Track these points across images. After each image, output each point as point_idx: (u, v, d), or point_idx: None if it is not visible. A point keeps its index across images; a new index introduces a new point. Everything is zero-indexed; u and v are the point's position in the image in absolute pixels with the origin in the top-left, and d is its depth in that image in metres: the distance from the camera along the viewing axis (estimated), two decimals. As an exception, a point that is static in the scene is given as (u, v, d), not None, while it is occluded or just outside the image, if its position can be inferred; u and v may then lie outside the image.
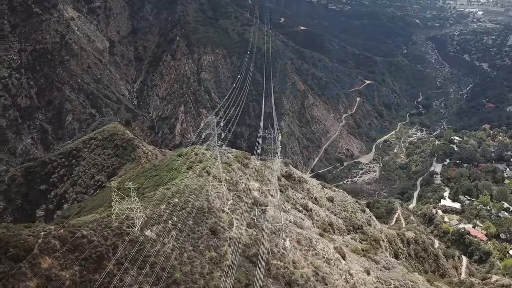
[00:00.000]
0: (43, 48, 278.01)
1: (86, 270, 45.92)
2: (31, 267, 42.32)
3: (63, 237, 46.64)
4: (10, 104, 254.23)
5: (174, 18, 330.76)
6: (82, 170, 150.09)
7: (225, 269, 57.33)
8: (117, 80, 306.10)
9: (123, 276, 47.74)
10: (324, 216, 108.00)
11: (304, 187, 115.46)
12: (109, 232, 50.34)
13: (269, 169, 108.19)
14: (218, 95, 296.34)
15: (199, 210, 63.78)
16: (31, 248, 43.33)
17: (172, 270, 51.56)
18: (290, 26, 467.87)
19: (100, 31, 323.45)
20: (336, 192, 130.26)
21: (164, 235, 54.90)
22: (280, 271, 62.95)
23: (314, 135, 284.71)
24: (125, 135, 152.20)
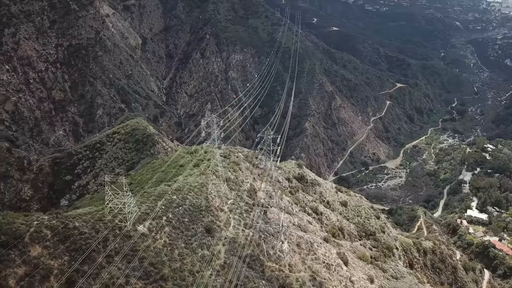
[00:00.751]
0: (78, 44, 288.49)
1: (75, 261, 47.35)
2: (21, 254, 44.18)
3: (55, 227, 48.40)
4: (45, 97, 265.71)
5: (205, 17, 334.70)
6: (104, 163, 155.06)
7: (217, 268, 57.66)
8: (147, 76, 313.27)
9: (111, 269, 48.89)
10: (335, 221, 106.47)
11: (317, 190, 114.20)
12: (101, 225, 51.81)
13: (280, 170, 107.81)
14: (244, 94, 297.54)
15: (196, 208, 64.41)
16: (21, 236, 45.20)
17: (161, 266, 52.38)
18: (322, 27, 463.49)
19: (134, 28, 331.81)
20: (351, 196, 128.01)
21: (156, 230, 55.87)
22: (274, 274, 62.57)
23: (339, 138, 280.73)
24: (146, 130, 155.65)
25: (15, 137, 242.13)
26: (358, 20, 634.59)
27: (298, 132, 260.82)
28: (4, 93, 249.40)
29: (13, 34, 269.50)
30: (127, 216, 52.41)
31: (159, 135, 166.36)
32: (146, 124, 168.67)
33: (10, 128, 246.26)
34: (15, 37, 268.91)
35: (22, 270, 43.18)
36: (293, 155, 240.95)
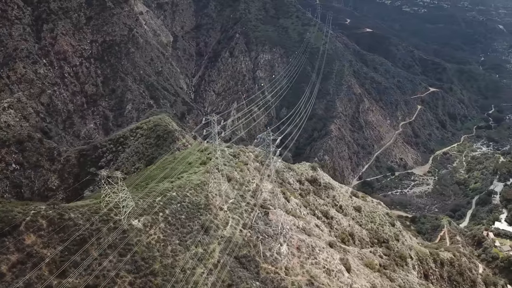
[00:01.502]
0: (112, 40, 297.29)
1: (68, 251, 48.98)
2: (15, 242, 46.11)
3: (50, 217, 50.21)
4: (78, 91, 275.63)
5: (236, 16, 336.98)
6: (125, 157, 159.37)
7: (209, 266, 58.04)
8: (177, 73, 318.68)
9: (102, 260, 50.23)
10: (346, 226, 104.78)
11: (330, 193, 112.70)
12: (96, 218, 53.28)
13: (291, 171, 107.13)
14: (270, 94, 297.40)
15: (194, 206, 65.06)
16: (17, 224, 47.20)
17: (152, 261, 53.31)
18: (355, 28, 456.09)
19: (166, 26, 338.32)
20: (367, 202, 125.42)
21: (151, 226, 56.88)
22: (269, 276, 62.31)
23: (366, 141, 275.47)
24: (168, 126, 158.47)
25: (49, 129, 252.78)
26: (394, 21, 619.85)
27: (323, 134, 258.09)
28: (40, 86, 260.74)
29: (51, 30, 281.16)
30: (122, 210, 53.68)
31: (181, 132, 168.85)
32: (169, 121, 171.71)
33: (45, 120, 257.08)
34: (53, 32, 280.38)
35: (15, 257, 45.07)
36: (317, 157, 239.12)
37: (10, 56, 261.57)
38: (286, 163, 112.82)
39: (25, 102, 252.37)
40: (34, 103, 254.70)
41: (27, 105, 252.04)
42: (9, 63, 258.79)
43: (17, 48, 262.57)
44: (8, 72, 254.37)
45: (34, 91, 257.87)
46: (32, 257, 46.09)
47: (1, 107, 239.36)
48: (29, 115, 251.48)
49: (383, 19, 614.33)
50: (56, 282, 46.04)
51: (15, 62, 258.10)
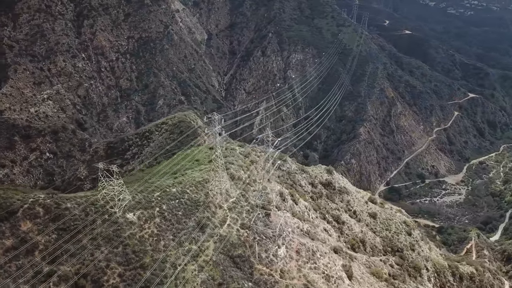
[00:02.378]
0: (147, 37, 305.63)
1: (62, 239, 51.01)
2: (11, 228, 48.60)
3: (48, 206, 52.51)
4: (113, 85, 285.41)
5: (270, 15, 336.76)
6: (149, 151, 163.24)
7: (201, 264, 58.63)
8: (209, 71, 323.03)
9: (94, 251, 51.97)
10: (357, 232, 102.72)
11: (344, 198, 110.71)
12: (92, 209, 55.20)
13: (304, 173, 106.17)
14: (301, 94, 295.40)
15: (193, 202, 65.90)
16: (15, 211, 49.68)
17: (143, 254, 54.58)
18: (394, 29, 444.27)
19: (201, 24, 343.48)
20: (384, 209, 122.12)
21: (145, 220, 58.19)
22: (263, 278, 62.17)
23: (396, 146, 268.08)
24: (191, 123, 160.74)
25: (84, 120, 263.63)
26: (437, 23, 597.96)
27: (351, 137, 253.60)
28: (78, 79, 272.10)
29: (91, 26, 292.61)
30: (116, 203, 55.29)
31: (204, 129, 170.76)
32: (194, 118, 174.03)
33: (81, 112, 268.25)
34: (92, 28, 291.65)
35: (10, 242, 47.44)
36: (343, 160, 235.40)
37: (51, 50, 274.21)
38: (300, 165, 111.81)
39: (63, 94, 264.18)
40: (71, 95, 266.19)
41: (65, 97, 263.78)
42: (51, 57, 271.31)
43: (59, 43, 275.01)
44: (49, 65, 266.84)
45: (72, 84, 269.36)
46: (26, 243, 48.33)
47: (41, 98, 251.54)
48: (66, 107, 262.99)
49: (426, 21, 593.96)
50: (47, 268, 48.03)
51: (56, 56, 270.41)
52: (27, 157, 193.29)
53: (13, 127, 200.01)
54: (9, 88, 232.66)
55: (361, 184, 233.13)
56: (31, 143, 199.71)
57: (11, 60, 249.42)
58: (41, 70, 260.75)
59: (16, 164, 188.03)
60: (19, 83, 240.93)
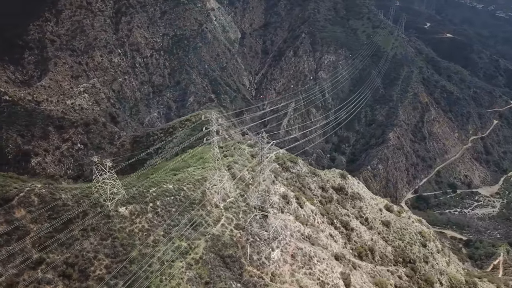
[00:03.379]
0: (182, 34, 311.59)
1: (53, 229, 53.11)
2: (5, 214, 51.07)
3: (43, 195, 54.80)
4: (146, 80, 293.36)
5: (305, 15, 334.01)
6: (171, 146, 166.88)
7: (190, 261, 59.25)
8: (241, 70, 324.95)
9: (84, 241, 53.74)
10: (367, 239, 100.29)
11: (356, 204, 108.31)
12: (85, 201, 57.04)
13: (316, 177, 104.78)
14: (332, 96, 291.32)
15: (188, 200, 66.64)
16: (10, 198, 52.20)
17: (131, 248, 55.88)
18: (434, 32, 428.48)
19: (235, 23, 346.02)
20: (400, 217, 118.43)
21: (137, 215, 59.48)
22: (252, 279, 61.99)
23: (427, 153, 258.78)
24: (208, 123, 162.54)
25: (117, 114, 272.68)
26: (484, 27, 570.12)
27: (380, 141, 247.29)
28: (113, 74, 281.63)
29: (128, 22, 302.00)
30: (108, 196, 56.88)
31: (225, 127, 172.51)
32: (217, 116, 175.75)
33: (114, 106, 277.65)
34: (129, 25, 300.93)
35: (2, 228, 49.91)
36: (369, 165, 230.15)
37: (90, 45, 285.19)
38: (311, 168, 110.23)
39: (98, 88, 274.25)
40: (106, 89, 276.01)
41: (100, 91, 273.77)
42: (89, 51, 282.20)
43: (97, 38, 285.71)
44: (87, 60, 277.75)
45: (107, 78, 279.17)
46: (19, 230, 50.68)
47: (78, 91, 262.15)
48: (101, 100, 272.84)
49: (472, 24, 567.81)
50: (37, 255, 50.14)
51: (93, 51, 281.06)
52: (59, 147, 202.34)
53: (48, 118, 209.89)
54: (48, 81, 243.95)
55: (387, 191, 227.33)
56: (64, 134, 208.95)
57: (52, 54, 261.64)
58: (79, 64, 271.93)
59: (49, 153, 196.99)
60: (58, 76, 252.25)
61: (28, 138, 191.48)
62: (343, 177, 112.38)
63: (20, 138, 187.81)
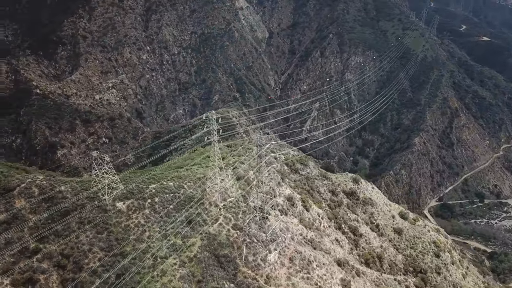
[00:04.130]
0: (209, 33, 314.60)
1: (51, 220, 54.91)
2: (5, 203, 53.18)
3: (43, 187, 56.72)
4: (173, 78, 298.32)
5: (333, 16, 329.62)
6: (189, 144, 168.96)
7: (184, 259, 59.82)
8: (267, 69, 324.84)
9: (80, 234, 55.27)
10: (376, 246, 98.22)
11: (368, 210, 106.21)
12: (84, 194, 58.61)
13: (326, 180, 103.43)
14: (357, 98, 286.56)
15: (187, 198, 67.20)
16: (11, 188, 54.31)
17: (125, 243, 56.89)
18: (470, 35, 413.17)
19: (263, 22, 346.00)
20: (415, 226, 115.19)
21: (134, 210, 60.56)
22: (246, 281, 61.93)
23: (455, 161, 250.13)
24: (228, 120, 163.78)
25: (143, 110, 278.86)
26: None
27: (405, 146, 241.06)
28: (141, 70, 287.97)
29: (157, 20, 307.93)
30: (107, 191, 58.21)
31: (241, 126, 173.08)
32: (235, 115, 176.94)
33: (141, 102, 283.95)
34: (159, 22, 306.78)
35: (2, 217, 52.02)
36: (392, 170, 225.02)
37: (120, 41, 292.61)
38: (323, 171, 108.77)
39: (126, 84, 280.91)
40: (134, 85, 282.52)
41: (128, 87, 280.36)
42: (119, 48, 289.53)
43: (127, 35, 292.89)
44: (116, 56, 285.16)
45: (135, 74, 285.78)
46: (18, 219, 52.68)
47: (106, 86, 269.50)
48: (128, 96, 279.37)
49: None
50: (33, 245, 51.98)
51: (123, 47, 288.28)
52: (85, 140, 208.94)
53: (76, 112, 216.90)
54: (78, 76, 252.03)
55: (409, 197, 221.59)
56: (90, 128, 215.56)
57: (83, 49, 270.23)
58: (109, 60, 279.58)
59: (75, 145, 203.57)
60: (88, 71, 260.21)
61: (56, 131, 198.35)
62: (356, 181, 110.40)
63: (48, 130, 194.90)
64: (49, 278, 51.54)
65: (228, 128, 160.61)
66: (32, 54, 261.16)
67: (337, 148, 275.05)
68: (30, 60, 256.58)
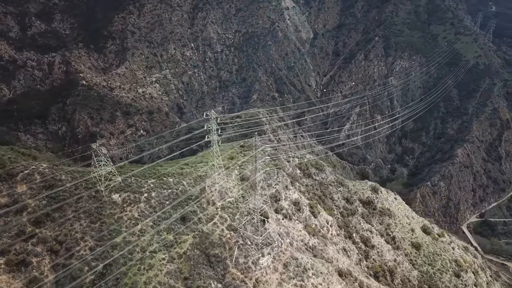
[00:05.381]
0: (253, 32, 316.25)
1: (49, 206, 57.90)
2: (8, 188, 56.73)
3: (45, 174, 59.84)
4: (214, 75, 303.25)
5: (381, 18, 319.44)
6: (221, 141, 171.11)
7: (173, 255, 60.85)
8: (309, 70, 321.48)
9: (74, 222, 57.88)
10: (389, 260, 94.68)
11: (384, 220, 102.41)
12: (82, 184, 61.17)
13: (342, 187, 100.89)
14: (400, 104, 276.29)
15: (185, 195, 68.07)
16: (15, 174, 57.84)
17: (116, 234, 58.86)
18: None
19: (309, 22, 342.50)
20: (437, 241, 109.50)
21: (129, 203, 62.36)
22: (234, 282, 61.92)
23: (502, 176, 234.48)
24: (260, 120, 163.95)
25: (184, 105, 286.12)
26: None
27: (446, 157, 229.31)
28: (184, 66, 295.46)
29: (203, 18, 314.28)
30: (103, 182, 60.41)
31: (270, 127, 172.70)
32: (264, 115, 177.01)
33: (182, 97, 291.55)
34: (204, 20, 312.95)
35: (4, 200, 55.57)
36: (430, 181, 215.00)
37: (166, 38, 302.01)
38: (340, 177, 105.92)
39: (169, 79, 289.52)
40: (176, 80, 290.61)
41: (170, 82, 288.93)
42: (164, 44, 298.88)
43: (173, 32, 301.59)
44: (161, 52, 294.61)
45: (178, 70, 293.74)
46: (17, 203, 56.03)
47: (150, 81, 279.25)
48: (170, 91, 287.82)
49: None
50: (30, 229, 55.11)
51: (168, 44, 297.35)
52: (124, 132, 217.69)
53: (117, 104, 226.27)
54: (124, 69, 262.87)
55: (446, 211, 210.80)
56: (129, 120, 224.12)
57: (131, 44, 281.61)
58: (154, 56, 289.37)
59: (114, 136, 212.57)
60: (134, 65, 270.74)
61: (97, 121, 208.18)
62: (375, 190, 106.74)
63: (89, 120, 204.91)
64: (41, 261, 54.53)
65: (255, 128, 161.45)
66: (84, 47, 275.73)
67: (375, 155, 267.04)
68: (82, 53, 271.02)
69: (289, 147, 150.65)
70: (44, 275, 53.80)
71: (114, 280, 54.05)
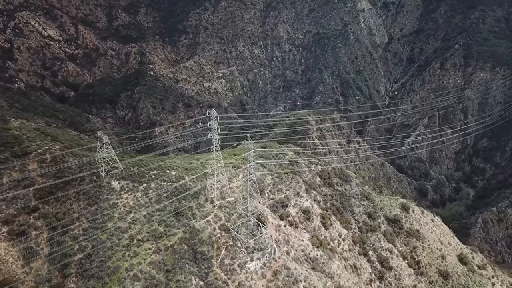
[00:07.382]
0: (324, 33, 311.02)
1: (54, 186, 63.00)
2: (20, 164, 62.74)
3: (56, 156, 65.03)
4: (280, 75, 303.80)
5: (465, 25, 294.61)
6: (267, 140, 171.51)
7: (160, 246, 62.78)
8: (379, 76, 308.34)
9: (73, 202, 62.34)
10: (407, 285, 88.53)
11: (411, 242, 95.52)
12: (87, 168, 65.41)
13: (367, 201, 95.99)
14: (475, 119, 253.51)
15: (184, 190, 69.43)
16: (28, 152, 63.67)
17: (108, 219, 62.17)
18: None
19: (384, 26, 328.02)
20: (473, 273, 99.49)
21: (126, 191, 65.35)
22: (216, 282, 62.07)
23: None
24: (307, 123, 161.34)
25: (247, 102, 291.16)
26: None
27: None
28: (250, 64, 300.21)
29: (275, 17, 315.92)
30: (104, 168, 64.04)
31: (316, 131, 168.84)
32: (311, 118, 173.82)
33: (246, 94, 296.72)
34: (276, 19, 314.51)
35: (16, 175, 61.57)
36: (495, 207, 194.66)
37: (236, 35, 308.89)
38: (367, 189, 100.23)
39: (235, 76, 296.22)
40: (242, 77, 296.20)
41: (236, 78, 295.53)
42: (234, 41, 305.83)
43: (244, 29, 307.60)
44: (231, 48, 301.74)
45: (245, 67, 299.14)
46: (25, 179, 61.72)
47: (216, 76, 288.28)
48: (235, 87, 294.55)
49: None
50: (34, 203, 60.49)
51: (238, 41, 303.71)
52: (183, 123, 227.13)
53: (180, 96, 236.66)
54: (192, 63, 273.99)
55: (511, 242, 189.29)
56: (189, 112, 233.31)
57: (202, 39, 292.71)
58: (224, 52, 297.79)
59: (173, 126, 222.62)
60: (203, 60, 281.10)
61: (159, 110, 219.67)
62: (405, 208, 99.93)
63: (152, 109, 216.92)
64: (39, 235, 59.59)
65: (301, 131, 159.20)
66: (159, 39, 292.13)
67: (440, 171, 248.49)
68: (157, 45, 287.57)
69: (320, 153, 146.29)
70: (40, 247, 58.68)
71: (99, 262, 57.22)
